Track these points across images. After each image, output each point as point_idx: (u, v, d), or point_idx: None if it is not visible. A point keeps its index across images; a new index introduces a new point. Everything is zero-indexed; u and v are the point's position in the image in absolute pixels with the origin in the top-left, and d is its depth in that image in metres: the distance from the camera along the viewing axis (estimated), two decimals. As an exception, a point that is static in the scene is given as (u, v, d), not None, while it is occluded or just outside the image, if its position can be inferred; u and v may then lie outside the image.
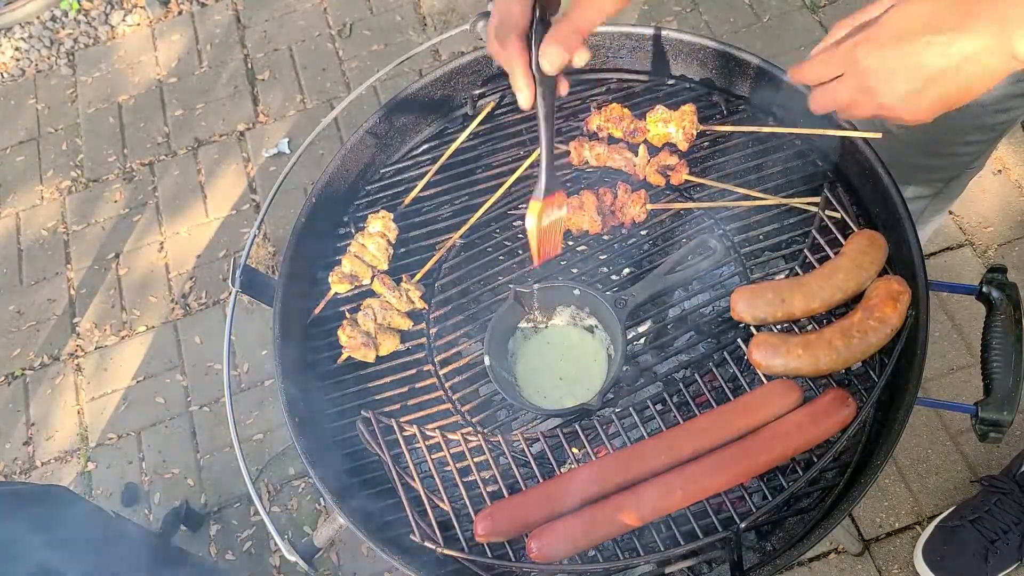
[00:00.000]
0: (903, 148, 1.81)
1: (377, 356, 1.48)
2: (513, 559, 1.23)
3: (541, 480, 1.30)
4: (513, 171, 1.59)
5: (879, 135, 1.43)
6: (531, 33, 1.07)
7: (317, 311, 1.54)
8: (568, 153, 1.60)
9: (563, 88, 1.16)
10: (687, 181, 1.55)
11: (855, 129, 1.46)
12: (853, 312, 1.25)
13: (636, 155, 1.56)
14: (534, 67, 1.08)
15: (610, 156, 1.56)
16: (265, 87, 3.49)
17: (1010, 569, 2.17)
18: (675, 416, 1.33)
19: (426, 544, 1.24)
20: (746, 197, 1.51)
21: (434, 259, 1.57)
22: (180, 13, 3.77)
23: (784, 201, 1.49)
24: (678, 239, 1.56)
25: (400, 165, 1.71)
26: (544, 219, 1.24)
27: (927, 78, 1.01)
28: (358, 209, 1.67)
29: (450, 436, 1.37)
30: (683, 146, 1.56)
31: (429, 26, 3.54)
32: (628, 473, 1.22)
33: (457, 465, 1.33)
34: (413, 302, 1.51)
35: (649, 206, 1.52)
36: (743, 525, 1.16)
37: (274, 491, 2.64)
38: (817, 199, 1.43)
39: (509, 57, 1.09)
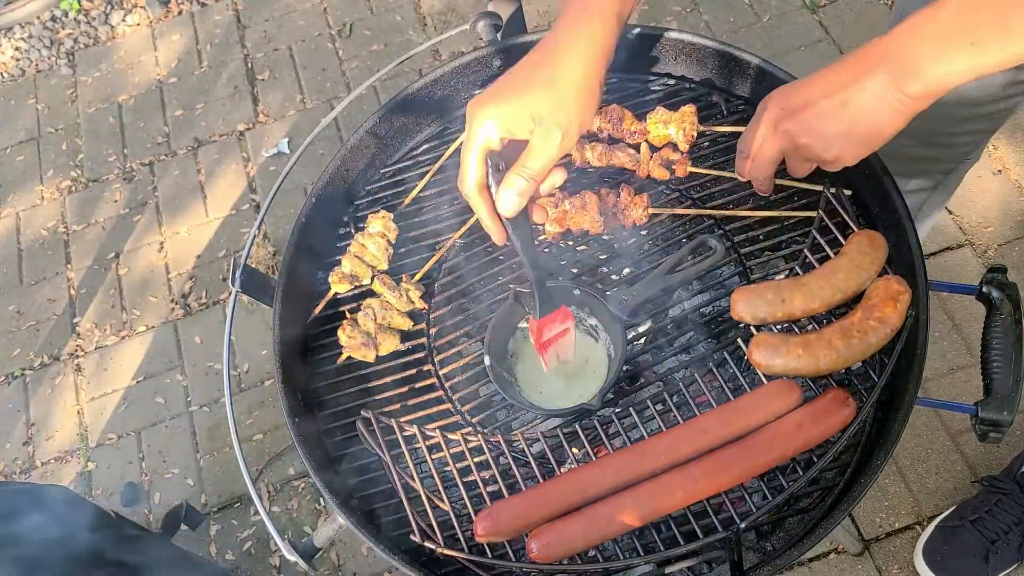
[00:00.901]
0: (899, 139, 1.82)
1: (377, 356, 1.48)
2: (513, 559, 1.23)
3: (541, 480, 1.30)
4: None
5: None
6: (489, 181, 1.22)
7: (317, 311, 1.54)
8: (569, 155, 1.60)
9: (538, 218, 1.36)
10: (692, 174, 1.55)
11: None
12: (853, 312, 1.25)
13: (638, 152, 1.56)
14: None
15: (612, 154, 1.56)
16: (265, 87, 3.49)
17: (1010, 569, 2.17)
18: (675, 416, 1.33)
19: (426, 544, 1.24)
20: (745, 198, 1.51)
21: (434, 259, 1.57)
22: (180, 13, 3.77)
23: (784, 213, 1.49)
24: (678, 239, 1.56)
25: (400, 165, 1.71)
26: (546, 334, 1.35)
27: (839, 131, 1.18)
28: (358, 209, 1.67)
29: (450, 436, 1.37)
30: (684, 147, 1.56)
31: (429, 26, 3.54)
32: (628, 473, 1.22)
33: (457, 465, 1.33)
34: (413, 302, 1.51)
35: (651, 209, 1.52)
36: (743, 525, 1.16)
37: (274, 491, 2.64)
38: (814, 213, 1.43)
39: (474, 205, 1.26)
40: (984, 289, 1.34)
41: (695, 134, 1.54)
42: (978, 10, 1.03)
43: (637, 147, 1.57)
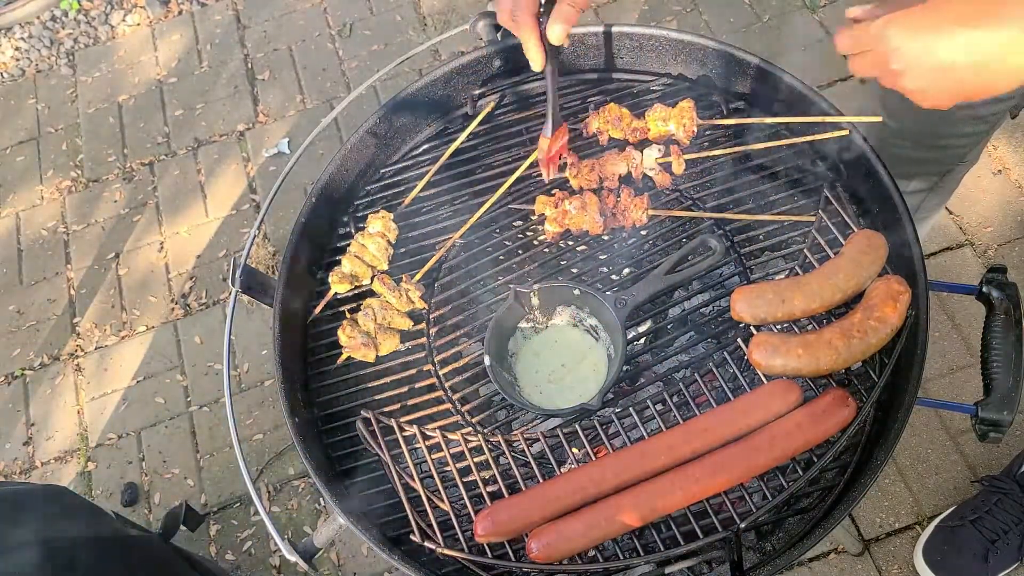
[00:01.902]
0: (896, 139, 1.82)
1: (377, 356, 1.48)
2: (513, 559, 1.23)
3: (541, 480, 1.30)
4: (513, 171, 1.59)
5: (879, 119, 1.44)
6: (540, 11, 1.35)
7: (317, 311, 1.54)
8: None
9: (566, 43, 1.40)
10: (691, 174, 1.55)
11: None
12: (853, 312, 1.25)
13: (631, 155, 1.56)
14: (543, 38, 1.36)
15: (602, 167, 1.56)
16: (265, 87, 3.49)
17: (1010, 569, 2.17)
18: (675, 416, 1.33)
19: (426, 544, 1.24)
20: (746, 200, 1.52)
21: (434, 259, 1.57)
22: (180, 13, 3.77)
23: (782, 217, 1.49)
24: (678, 239, 1.56)
25: (400, 165, 1.71)
26: (552, 149, 1.50)
27: (950, 69, 1.03)
28: (358, 209, 1.67)
29: (450, 436, 1.37)
30: (684, 142, 1.56)
31: (429, 26, 3.54)
32: (628, 473, 1.22)
33: (457, 465, 1.33)
34: (413, 302, 1.51)
35: (651, 211, 1.52)
36: (743, 525, 1.16)
37: (274, 491, 2.64)
38: (813, 216, 1.43)
39: (523, 31, 1.37)
40: (984, 289, 1.34)
41: (695, 129, 1.54)
42: None
43: (638, 146, 1.57)
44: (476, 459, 1.34)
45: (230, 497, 2.66)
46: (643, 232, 1.56)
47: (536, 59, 1.40)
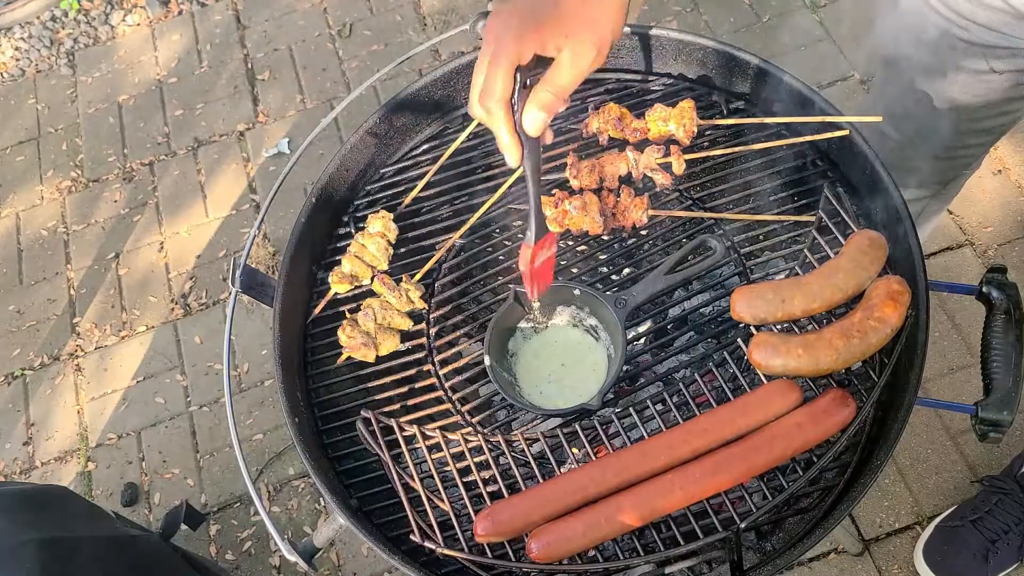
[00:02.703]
0: (903, 153, 1.82)
1: (377, 356, 1.48)
2: (513, 559, 1.23)
3: (541, 480, 1.30)
4: (513, 171, 1.59)
5: (879, 119, 1.44)
6: (514, 99, 1.14)
7: (317, 311, 1.55)
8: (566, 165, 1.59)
9: (548, 138, 1.22)
10: (692, 175, 1.55)
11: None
12: (853, 312, 1.25)
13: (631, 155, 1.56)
14: (518, 129, 1.16)
15: (602, 168, 1.56)
16: (265, 87, 3.49)
17: (1010, 569, 2.17)
18: (675, 416, 1.33)
19: (426, 544, 1.24)
20: (746, 200, 1.52)
21: (434, 259, 1.57)
22: (180, 13, 3.77)
23: (782, 217, 1.50)
24: (678, 239, 1.56)
25: (400, 165, 1.71)
26: (536, 261, 1.31)
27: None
28: (358, 209, 1.67)
29: (450, 436, 1.37)
30: (685, 142, 1.56)
31: (429, 26, 3.54)
32: (628, 473, 1.22)
33: (457, 465, 1.33)
34: (413, 302, 1.51)
35: (651, 211, 1.52)
36: (743, 525, 1.16)
37: (274, 491, 2.64)
38: (813, 216, 1.43)
39: (493, 121, 1.16)
40: (984, 289, 1.34)
41: (695, 129, 1.54)
42: None
43: (639, 146, 1.57)
44: (476, 459, 1.34)
45: (230, 497, 2.66)
46: (643, 232, 1.56)
47: (511, 154, 1.18)
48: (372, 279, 1.53)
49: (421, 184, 1.63)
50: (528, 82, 1.14)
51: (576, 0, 1.15)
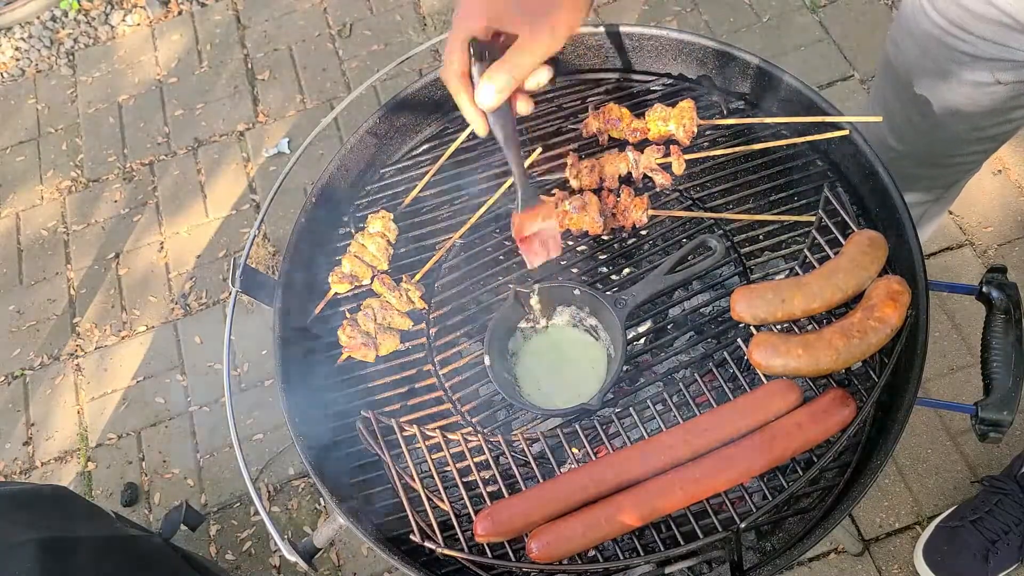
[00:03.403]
0: (904, 161, 1.82)
1: (377, 356, 1.48)
2: (513, 559, 1.23)
3: (541, 480, 1.29)
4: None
5: (879, 119, 1.44)
6: (472, 71, 1.19)
7: (317, 311, 1.54)
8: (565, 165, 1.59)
9: (523, 108, 1.26)
10: (692, 175, 1.55)
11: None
12: (853, 312, 1.25)
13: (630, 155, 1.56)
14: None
15: (602, 168, 1.56)
16: (265, 87, 3.49)
17: (1010, 569, 2.17)
18: (675, 416, 1.33)
19: (426, 544, 1.24)
20: (746, 200, 1.52)
21: (434, 259, 1.57)
22: (180, 13, 3.77)
23: (782, 217, 1.49)
24: (678, 239, 1.56)
25: (400, 165, 1.71)
26: (527, 229, 1.34)
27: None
28: (358, 209, 1.67)
29: (450, 436, 1.37)
30: (685, 142, 1.56)
31: (429, 26, 3.54)
32: (628, 473, 1.22)
33: (457, 465, 1.33)
34: (413, 302, 1.51)
35: (651, 211, 1.52)
36: (743, 525, 1.16)
37: (274, 491, 2.64)
38: (813, 216, 1.43)
39: (455, 93, 1.22)
40: (984, 289, 1.34)
41: (695, 129, 1.54)
42: None
43: (639, 146, 1.57)
44: (476, 459, 1.34)
45: (230, 497, 2.66)
46: (643, 232, 1.56)
47: (475, 123, 1.24)
48: (372, 279, 1.53)
49: (421, 184, 1.63)
50: (487, 55, 1.18)
51: None
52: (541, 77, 1.24)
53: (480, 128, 1.25)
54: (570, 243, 1.58)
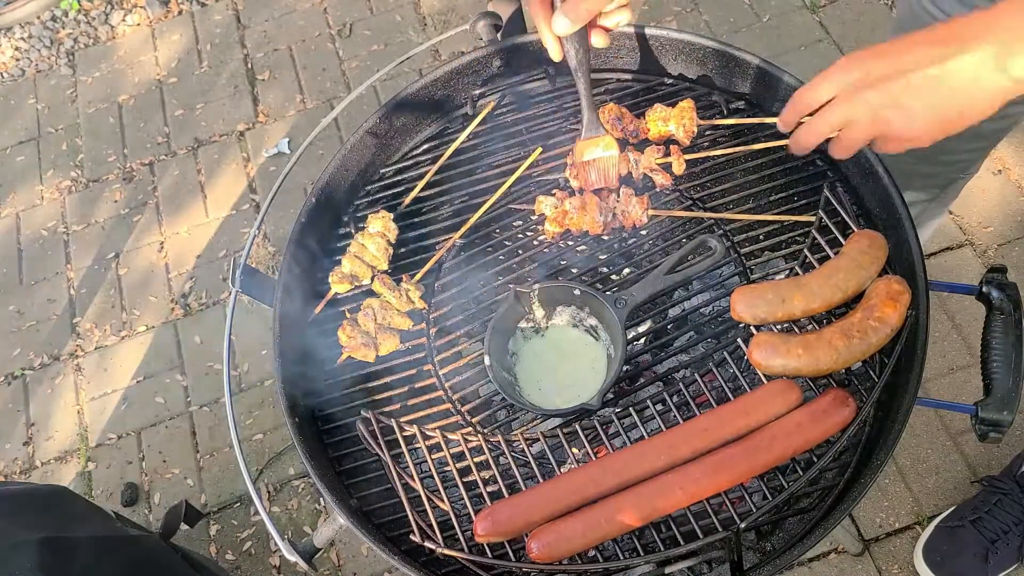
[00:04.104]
0: (900, 156, 1.81)
1: (377, 356, 1.48)
2: (513, 559, 1.23)
3: (541, 480, 1.30)
4: (513, 171, 1.59)
5: None
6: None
7: (317, 311, 1.54)
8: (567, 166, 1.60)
9: (599, 42, 1.36)
10: (692, 175, 1.55)
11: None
12: (853, 312, 1.25)
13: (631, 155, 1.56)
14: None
15: (601, 176, 1.56)
16: (265, 87, 3.49)
17: (1010, 569, 2.17)
18: (675, 416, 1.33)
19: (426, 544, 1.24)
20: (746, 200, 1.52)
21: (434, 259, 1.57)
22: (180, 13, 3.77)
23: (782, 217, 1.49)
24: (678, 239, 1.56)
25: (400, 165, 1.71)
26: (586, 155, 1.45)
27: (929, 109, 1.07)
28: (358, 209, 1.67)
29: (450, 436, 1.37)
30: (685, 142, 1.56)
31: (429, 26, 3.54)
32: (628, 473, 1.22)
33: (457, 465, 1.33)
34: (413, 302, 1.51)
35: (651, 211, 1.52)
36: (743, 525, 1.16)
37: (274, 491, 2.64)
38: (813, 216, 1.43)
39: (536, 17, 1.32)
40: (984, 289, 1.34)
41: (695, 129, 1.54)
42: None
43: (639, 146, 1.57)
44: (476, 459, 1.34)
45: (230, 497, 2.66)
46: (643, 232, 1.57)
47: (550, 48, 1.35)
48: (372, 279, 1.53)
49: (421, 184, 1.63)
50: None
51: None
52: (621, 18, 1.35)
53: (555, 53, 1.35)
54: (570, 243, 1.58)
